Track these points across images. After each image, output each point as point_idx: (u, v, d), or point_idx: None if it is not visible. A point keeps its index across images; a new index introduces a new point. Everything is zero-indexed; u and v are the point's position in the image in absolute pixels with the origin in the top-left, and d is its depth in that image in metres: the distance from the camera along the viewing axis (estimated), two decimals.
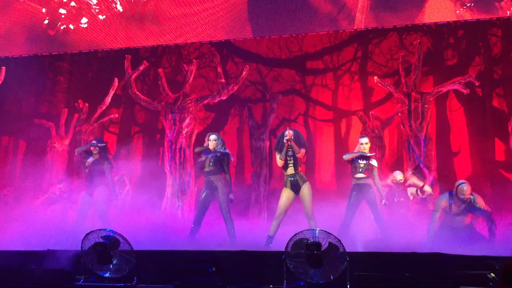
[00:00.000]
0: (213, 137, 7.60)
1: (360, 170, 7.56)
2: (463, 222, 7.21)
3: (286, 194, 7.16)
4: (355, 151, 7.79)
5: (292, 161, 7.11)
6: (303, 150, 7.11)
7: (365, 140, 7.72)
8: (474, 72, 10.59)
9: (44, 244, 6.79)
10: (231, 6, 11.18)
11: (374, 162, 7.63)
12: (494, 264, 5.46)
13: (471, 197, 7.14)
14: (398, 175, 8.94)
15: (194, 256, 6.21)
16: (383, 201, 7.47)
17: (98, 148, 8.18)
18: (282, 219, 7.16)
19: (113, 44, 12.06)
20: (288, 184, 7.14)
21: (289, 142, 7.01)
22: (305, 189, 7.11)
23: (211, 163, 7.51)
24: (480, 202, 7.21)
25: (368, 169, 7.56)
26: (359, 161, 7.60)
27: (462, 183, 7.21)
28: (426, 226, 7.41)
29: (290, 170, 7.13)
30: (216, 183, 7.47)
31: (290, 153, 7.11)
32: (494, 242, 6.96)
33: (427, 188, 8.81)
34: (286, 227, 7.38)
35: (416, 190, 8.78)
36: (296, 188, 7.12)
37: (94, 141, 8.28)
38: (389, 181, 8.83)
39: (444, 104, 11.26)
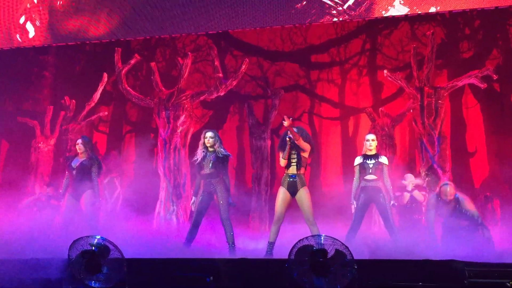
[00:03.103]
0: (209, 134, 7.57)
1: (370, 171, 7.54)
2: (460, 224, 7.31)
3: (282, 196, 7.12)
4: (362, 152, 7.79)
5: (295, 159, 7.08)
6: (307, 145, 7.03)
7: (371, 136, 7.73)
8: (491, 65, 10.59)
9: (29, 252, 6.79)
10: None
11: (384, 160, 7.62)
12: None
13: (457, 198, 7.35)
14: (409, 179, 8.98)
15: (190, 264, 6.20)
16: (392, 202, 7.48)
17: (82, 146, 8.14)
18: (281, 223, 7.14)
19: (102, 36, 12.07)
20: (286, 183, 7.10)
21: (290, 140, 6.98)
22: (303, 194, 7.05)
23: (211, 165, 7.49)
24: (468, 205, 7.35)
25: (379, 168, 7.54)
26: (367, 161, 7.60)
27: (446, 184, 7.59)
28: (440, 232, 7.45)
29: (292, 170, 7.09)
30: (215, 186, 7.45)
31: (294, 151, 7.09)
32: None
33: (417, 194, 8.89)
34: (289, 233, 7.39)
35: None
36: (293, 189, 7.07)
37: (79, 140, 8.27)
38: (409, 187, 8.91)
39: (459, 100, 11.26)
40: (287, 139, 6.99)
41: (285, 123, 6.80)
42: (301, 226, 7.61)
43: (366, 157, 7.65)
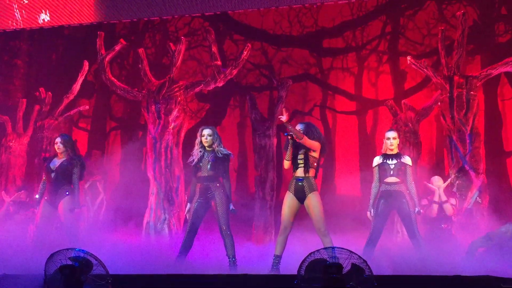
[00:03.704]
0: (207, 131, 7.59)
1: (391, 173, 7.55)
2: None
3: (289, 202, 7.11)
4: (382, 151, 7.79)
5: (302, 160, 7.08)
6: (314, 143, 7.00)
7: (392, 134, 7.70)
8: None
9: None
10: None
11: (407, 160, 7.62)
12: None
13: None
14: (437, 182, 8.96)
15: (184, 281, 6.21)
16: (417, 209, 7.47)
17: (62, 146, 8.16)
18: (289, 233, 7.13)
19: (82, 18, 12.09)
20: (293, 188, 7.09)
21: (292, 138, 6.97)
22: (312, 200, 7.01)
23: (209, 166, 7.50)
24: None
25: (401, 170, 7.54)
26: (388, 161, 7.60)
27: None
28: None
29: (299, 172, 7.07)
30: (214, 192, 7.46)
31: (300, 151, 7.08)
32: None
33: (447, 208, 8.88)
34: (298, 245, 7.39)
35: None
36: (300, 195, 7.06)
37: (57, 139, 8.29)
38: (437, 197, 8.90)
39: (494, 91, 11.26)
40: (288, 136, 6.98)
41: (282, 118, 6.83)
42: (311, 236, 7.61)
43: (386, 156, 7.66)
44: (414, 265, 6.81)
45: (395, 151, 7.68)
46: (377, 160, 7.74)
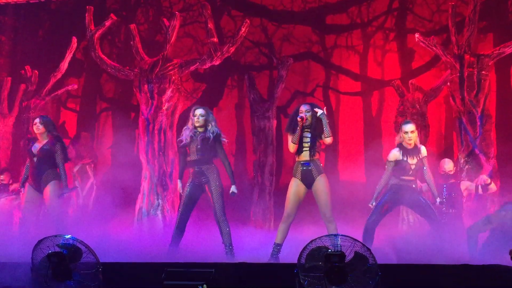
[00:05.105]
0: (199, 111, 7.55)
1: (411, 173, 7.47)
2: None
3: (295, 188, 7.15)
4: (396, 140, 7.71)
5: (308, 144, 7.10)
6: (329, 138, 7.08)
7: (410, 127, 7.50)
8: None
9: None
10: None
11: (423, 152, 7.53)
12: None
13: None
14: (447, 164, 8.96)
15: (179, 270, 6.24)
16: (438, 200, 7.47)
17: (42, 126, 8.13)
18: (291, 222, 7.17)
19: None
20: (299, 173, 7.13)
21: (304, 121, 7.00)
22: (321, 183, 7.07)
23: (198, 150, 7.48)
24: None
25: (420, 168, 7.46)
26: (409, 160, 7.46)
27: None
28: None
29: (304, 156, 7.11)
30: (208, 175, 7.47)
31: (307, 134, 7.11)
32: None
33: (493, 186, 8.88)
34: (298, 233, 7.42)
35: (477, 187, 8.83)
36: (308, 180, 7.10)
37: (36, 119, 8.25)
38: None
39: (507, 70, 11.23)
40: (298, 119, 7.00)
41: (321, 111, 7.00)
42: (312, 225, 7.64)
43: (405, 152, 7.49)
44: (420, 254, 6.84)
45: (413, 145, 7.55)
46: (395, 155, 7.52)
